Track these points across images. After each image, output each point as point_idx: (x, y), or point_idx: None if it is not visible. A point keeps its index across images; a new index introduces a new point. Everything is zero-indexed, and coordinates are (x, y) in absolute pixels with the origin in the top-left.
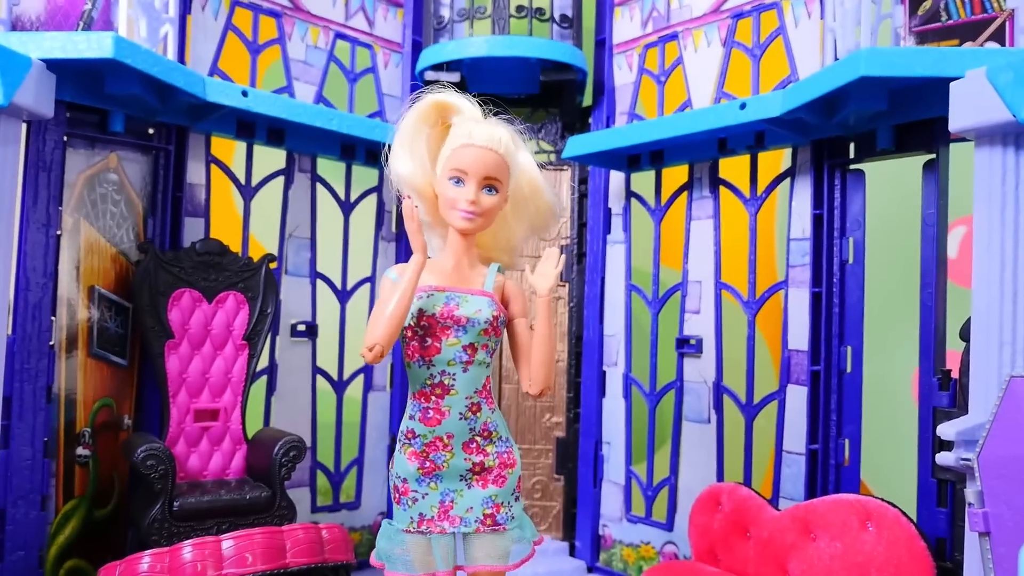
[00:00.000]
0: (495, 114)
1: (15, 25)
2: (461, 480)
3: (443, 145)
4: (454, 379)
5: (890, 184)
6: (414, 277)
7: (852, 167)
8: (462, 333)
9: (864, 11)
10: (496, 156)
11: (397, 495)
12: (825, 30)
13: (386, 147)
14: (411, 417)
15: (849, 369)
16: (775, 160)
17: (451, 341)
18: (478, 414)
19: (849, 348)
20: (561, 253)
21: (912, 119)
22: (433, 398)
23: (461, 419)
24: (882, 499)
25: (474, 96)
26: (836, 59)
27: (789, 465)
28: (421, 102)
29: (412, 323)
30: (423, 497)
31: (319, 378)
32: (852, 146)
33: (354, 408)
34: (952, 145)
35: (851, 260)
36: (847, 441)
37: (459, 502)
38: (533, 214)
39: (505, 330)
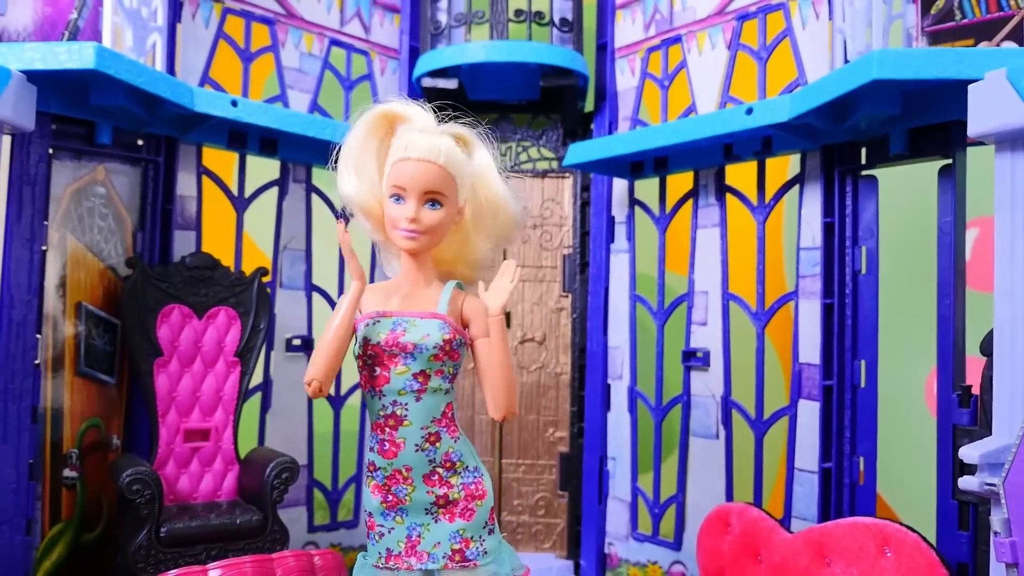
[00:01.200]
0: (452, 118)
1: (1, 39)
2: (427, 513)
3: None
4: (406, 409)
5: (903, 191)
6: (351, 304)
7: (864, 173)
8: (411, 360)
9: (875, 11)
10: (435, 168)
11: (368, 529)
12: (834, 31)
13: (331, 163)
14: (371, 449)
15: (863, 384)
16: (783, 166)
17: (399, 369)
18: (437, 444)
19: (863, 362)
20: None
21: (927, 123)
22: (387, 429)
23: (418, 451)
24: (901, 523)
25: (472, 103)
26: (846, 61)
27: (801, 483)
28: (367, 113)
29: (360, 352)
30: (389, 532)
31: None
32: (864, 151)
33: (351, 424)
34: (968, 148)
35: (864, 270)
36: (862, 459)
37: (426, 536)
38: (493, 223)
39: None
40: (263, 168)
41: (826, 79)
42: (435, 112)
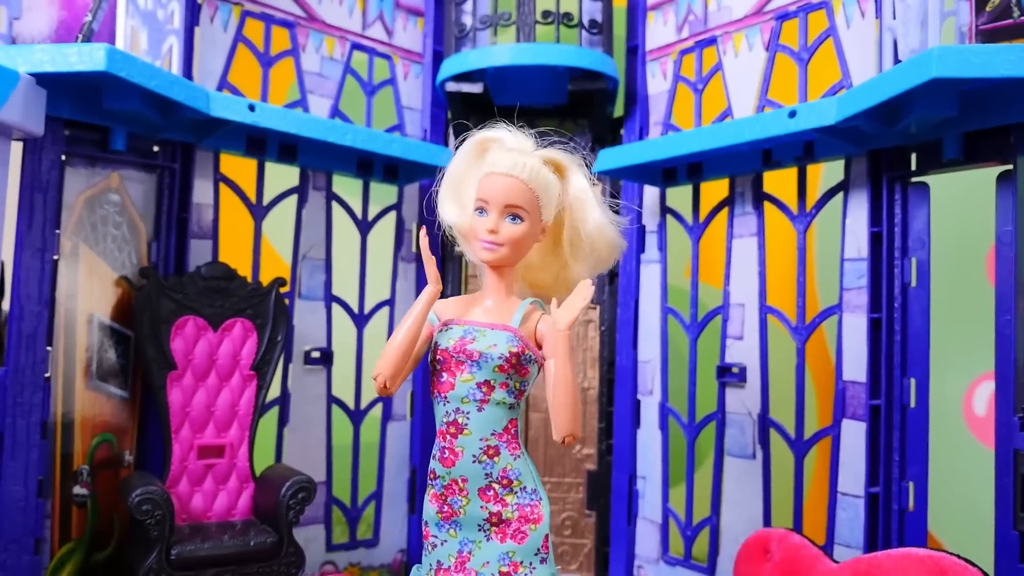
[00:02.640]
0: (551, 143)
1: (15, 42)
2: (480, 530)
3: None
4: (468, 418)
5: (956, 198)
6: (423, 306)
7: (914, 180)
8: (476, 369)
9: (931, 8)
10: (518, 183)
11: (423, 539)
12: (883, 30)
13: (433, 190)
14: (433, 456)
15: (913, 403)
16: (825, 173)
17: (464, 377)
18: (495, 459)
19: (912, 380)
20: (593, 284)
21: (984, 126)
22: (448, 437)
23: (475, 462)
24: (958, 556)
25: (498, 108)
26: (897, 61)
27: (845, 508)
28: (468, 140)
29: (431, 357)
30: (442, 544)
31: (335, 408)
32: (914, 156)
33: (372, 439)
34: None
35: (914, 283)
36: (911, 484)
37: (477, 555)
38: (591, 249)
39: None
40: (282, 175)
41: (879, 79)
42: (535, 137)
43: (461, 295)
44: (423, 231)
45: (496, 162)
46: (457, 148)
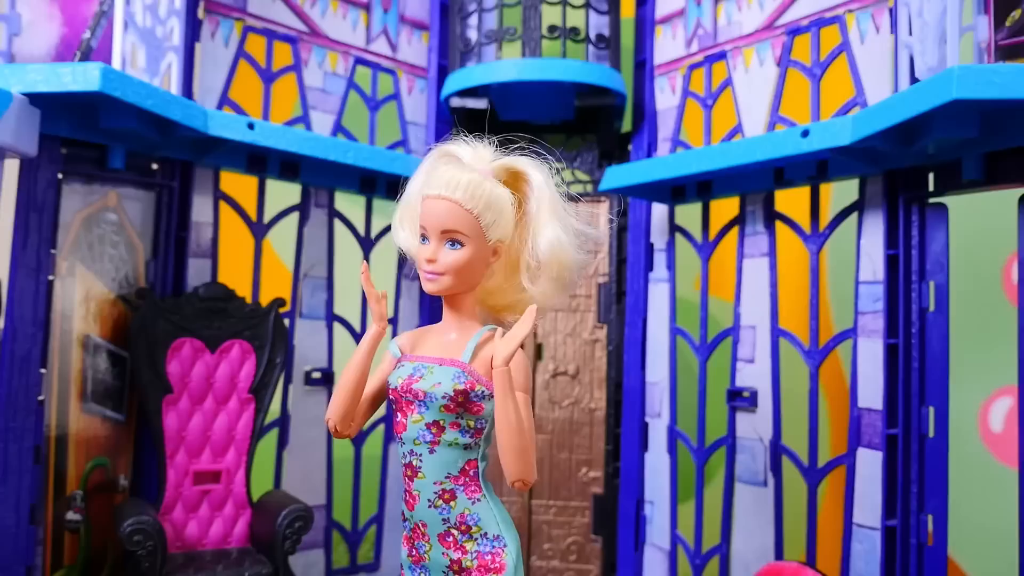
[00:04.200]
0: (516, 151)
1: (14, 59)
2: None
3: None
4: (421, 460)
5: (965, 214)
6: (365, 349)
7: (932, 201)
8: (424, 409)
9: (950, 25)
10: (451, 205)
11: None
12: (899, 46)
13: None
14: (403, 497)
15: (932, 433)
16: (839, 192)
17: (414, 418)
18: (451, 503)
19: (931, 409)
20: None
21: (1005, 146)
22: (407, 479)
23: (431, 507)
24: None
25: (503, 124)
26: (913, 79)
27: (861, 541)
28: (424, 159)
29: (389, 397)
30: None
31: None
32: (931, 177)
33: (373, 461)
34: None
35: (932, 307)
36: (931, 517)
37: None
38: (553, 267)
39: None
40: (284, 192)
41: (895, 99)
42: (498, 146)
43: (427, 325)
44: (364, 264)
45: (430, 183)
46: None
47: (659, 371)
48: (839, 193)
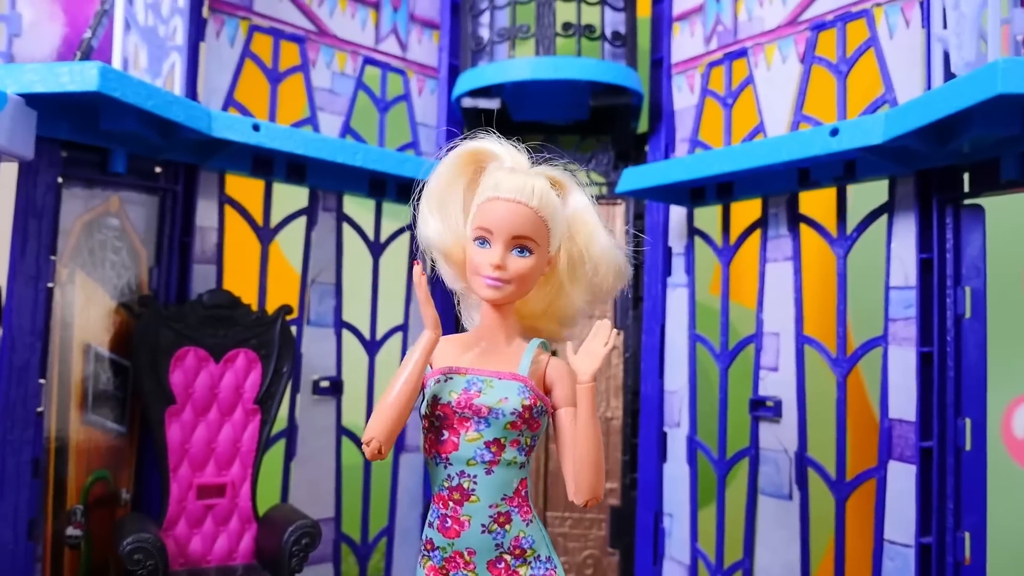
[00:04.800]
0: (546, 160)
1: (15, 60)
2: None
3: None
4: (475, 482)
5: (1012, 222)
6: (421, 357)
7: (967, 202)
8: (484, 426)
9: (991, 16)
10: (527, 211)
11: None
12: (932, 40)
13: (412, 202)
14: (430, 524)
15: (968, 446)
16: (864, 193)
17: (471, 436)
18: (507, 527)
19: (968, 420)
20: (615, 327)
21: None
22: (451, 504)
23: (484, 532)
24: None
25: (516, 124)
26: (950, 74)
27: (892, 558)
28: (454, 151)
29: (427, 412)
30: None
31: (345, 439)
32: (967, 177)
33: (384, 472)
34: None
35: (968, 314)
36: (968, 534)
37: None
38: (594, 275)
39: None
40: (291, 196)
41: (933, 94)
42: (529, 153)
43: (456, 334)
44: (418, 267)
45: (500, 185)
46: (443, 158)
47: (678, 379)
48: (866, 195)
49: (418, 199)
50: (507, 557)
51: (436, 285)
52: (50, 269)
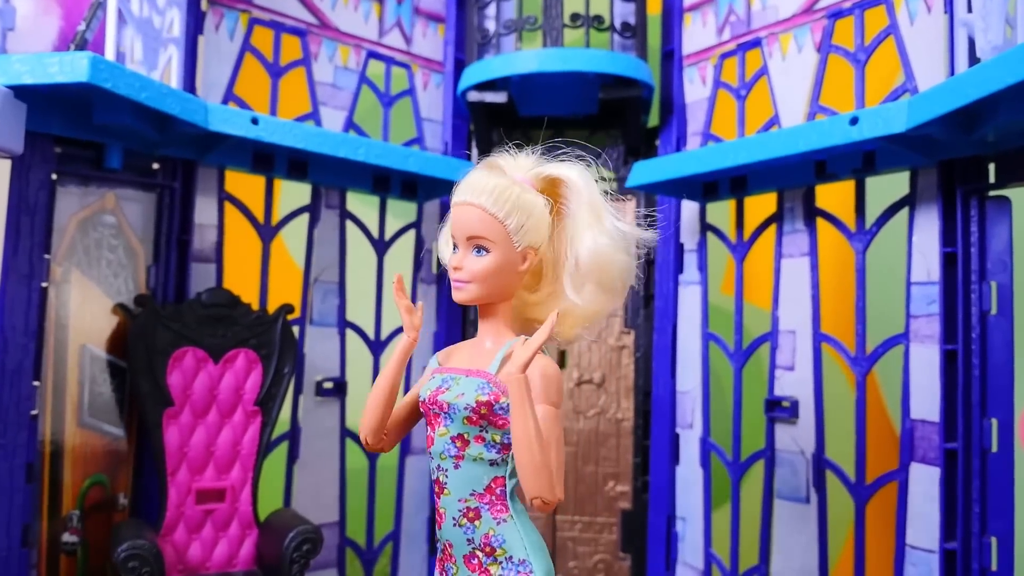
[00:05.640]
0: (562, 155)
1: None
2: None
3: None
4: (447, 476)
5: None
6: (396, 359)
7: (993, 193)
8: (449, 422)
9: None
10: (476, 211)
11: None
12: (956, 25)
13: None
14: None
15: (995, 448)
16: (886, 186)
17: (440, 431)
18: (476, 523)
19: (994, 421)
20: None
21: None
22: (436, 497)
23: (455, 526)
24: None
25: (523, 119)
26: (975, 60)
27: (915, 564)
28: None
29: (420, 410)
30: None
31: (349, 442)
32: (992, 167)
33: (389, 475)
34: None
35: (994, 310)
36: (994, 540)
37: None
38: (599, 276)
39: None
40: (293, 192)
41: (959, 79)
42: (542, 153)
43: (462, 342)
44: (397, 275)
45: (458, 190)
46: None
47: (690, 379)
48: (886, 187)
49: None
50: (479, 553)
51: (448, 283)
52: (44, 268)
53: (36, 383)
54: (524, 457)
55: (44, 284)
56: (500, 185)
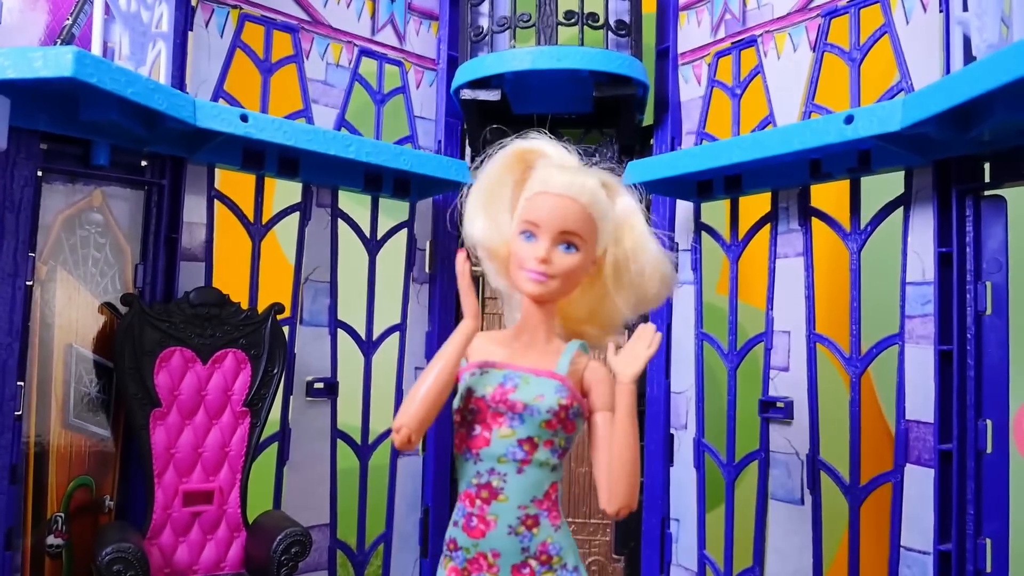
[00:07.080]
0: (594, 163)
1: None
2: None
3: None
4: (504, 480)
5: None
6: (459, 346)
7: (988, 193)
8: (518, 423)
9: None
10: (576, 206)
11: None
12: (951, 24)
13: (457, 203)
14: (455, 523)
15: (990, 449)
16: (884, 185)
17: (503, 432)
18: (534, 530)
19: (989, 422)
20: (658, 330)
21: None
22: (478, 502)
23: (510, 534)
24: None
25: (517, 117)
26: (971, 59)
27: (910, 566)
28: (504, 150)
29: (460, 405)
30: None
31: (340, 443)
32: (987, 167)
33: (381, 476)
34: None
35: (989, 310)
36: (989, 541)
37: None
38: (640, 281)
39: (586, 426)
40: (285, 190)
41: (955, 77)
42: (580, 154)
43: (494, 331)
44: (461, 255)
45: (549, 180)
46: (486, 157)
47: (684, 380)
48: (881, 187)
49: (466, 197)
50: (532, 562)
51: (441, 282)
52: (29, 266)
53: (20, 383)
54: (627, 467)
55: (29, 283)
56: (596, 186)
